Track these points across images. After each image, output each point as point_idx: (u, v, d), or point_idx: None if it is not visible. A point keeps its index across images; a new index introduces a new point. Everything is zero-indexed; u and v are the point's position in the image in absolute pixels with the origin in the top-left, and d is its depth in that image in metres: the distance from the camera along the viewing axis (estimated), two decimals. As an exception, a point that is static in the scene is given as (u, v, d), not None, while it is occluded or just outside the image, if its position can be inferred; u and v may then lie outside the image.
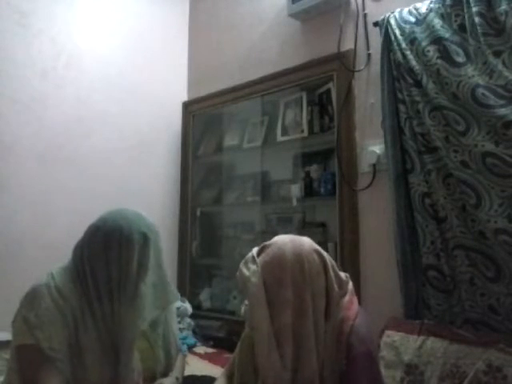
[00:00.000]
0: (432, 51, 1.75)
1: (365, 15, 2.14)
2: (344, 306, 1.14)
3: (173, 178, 3.02)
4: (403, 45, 1.85)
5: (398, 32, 1.87)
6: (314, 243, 1.19)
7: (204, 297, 2.87)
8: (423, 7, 1.83)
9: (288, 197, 2.45)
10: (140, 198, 2.61)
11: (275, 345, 1.07)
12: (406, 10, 1.89)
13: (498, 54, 1.61)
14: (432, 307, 1.78)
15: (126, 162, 2.75)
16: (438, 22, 1.76)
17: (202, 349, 2.45)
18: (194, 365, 2.02)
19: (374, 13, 2.09)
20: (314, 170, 2.40)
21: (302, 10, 2.32)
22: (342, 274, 1.20)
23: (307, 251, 1.14)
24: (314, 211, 2.48)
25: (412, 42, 1.83)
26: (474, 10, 1.65)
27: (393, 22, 1.90)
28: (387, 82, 1.92)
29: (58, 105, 2.46)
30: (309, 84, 2.40)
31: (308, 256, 1.13)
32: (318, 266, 1.13)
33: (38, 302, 1.14)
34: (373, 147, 2.05)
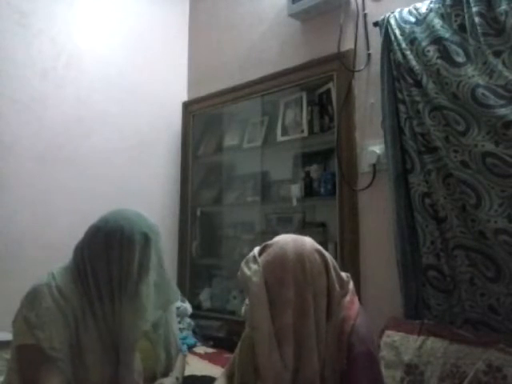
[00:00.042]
0: (432, 51, 1.75)
1: (365, 15, 2.14)
2: (345, 305, 1.14)
3: (173, 178, 3.02)
4: (403, 45, 1.85)
5: (397, 32, 1.87)
6: (316, 243, 1.19)
7: (204, 297, 2.87)
8: (423, 7, 1.83)
9: (288, 197, 2.45)
10: (140, 198, 2.61)
11: (276, 345, 1.07)
12: (405, 9, 1.89)
13: (498, 54, 1.61)
14: (432, 307, 1.78)
15: (126, 162, 2.75)
16: (437, 22, 1.76)
17: (201, 349, 2.45)
18: (194, 365, 2.02)
19: (374, 13, 2.09)
20: (314, 170, 2.40)
21: (302, 9, 2.32)
22: (343, 273, 1.20)
23: (309, 251, 1.14)
24: (314, 211, 2.48)
25: (412, 42, 1.83)
26: (474, 10, 1.65)
27: (393, 21, 1.90)
28: (387, 82, 1.92)
29: (58, 105, 2.46)
30: (309, 84, 2.40)
31: (310, 256, 1.13)
32: (320, 265, 1.13)
33: (39, 302, 1.14)
34: (373, 147, 2.05)
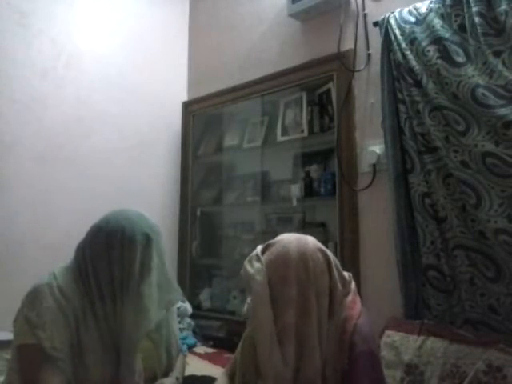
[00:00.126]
0: (432, 51, 1.75)
1: (365, 15, 2.14)
2: (347, 305, 1.14)
3: (173, 178, 3.02)
4: (403, 45, 1.85)
5: (397, 32, 1.88)
6: (318, 242, 1.19)
7: (204, 297, 2.87)
8: (423, 7, 1.83)
9: (288, 197, 2.45)
10: (140, 198, 2.61)
11: (277, 344, 1.07)
12: (405, 9, 1.89)
13: (498, 54, 1.61)
14: (432, 307, 1.78)
15: (126, 162, 2.75)
16: (437, 22, 1.76)
17: (201, 349, 2.45)
18: (194, 365, 2.02)
19: (374, 13, 2.09)
20: (314, 170, 2.40)
21: (302, 9, 2.32)
22: (346, 273, 1.20)
23: (312, 250, 1.13)
24: (314, 211, 2.48)
25: (412, 42, 1.83)
26: (474, 10, 1.65)
27: (393, 21, 1.90)
28: (387, 82, 1.92)
29: (57, 105, 2.46)
30: (309, 84, 2.40)
31: (312, 255, 1.13)
32: (323, 264, 1.13)
33: (40, 302, 1.14)
34: (373, 147, 2.05)
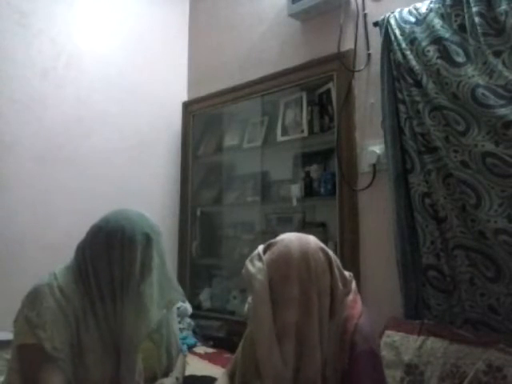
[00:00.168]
0: (432, 51, 1.75)
1: (365, 15, 2.14)
2: (348, 304, 1.14)
3: (173, 178, 3.02)
4: (403, 45, 1.85)
5: (397, 32, 1.88)
6: (320, 241, 1.19)
7: (204, 297, 2.87)
8: (423, 7, 1.83)
9: (288, 197, 2.45)
10: (140, 198, 2.61)
11: (276, 343, 1.07)
12: (406, 9, 1.89)
13: (498, 54, 1.61)
14: (432, 307, 1.78)
15: (126, 162, 2.75)
16: (437, 22, 1.76)
17: (201, 349, 2.45)
18: (194, 365, 2.02)
19: (374, 13, 2.09)
20: (314, 170, 2.40)
21: (302, 9, 2.32)
22: (346, 272, 1.20)
23: (313, 249, 1.13)
24: (314, 211, 2.48)
25: (412, 42, 1.83)
26: (474, 10, 1.65)
27: (393, 21, 1.90)
28: (387, 82, 1.92)
29: (57, 105, 2.46)
30: (309, 84, 2.40)
31: (314, 254, 1.12)
32: (324, 264, 1.13)
33: (40, 302, 1.14)
34: (373, 147, 2.05)
